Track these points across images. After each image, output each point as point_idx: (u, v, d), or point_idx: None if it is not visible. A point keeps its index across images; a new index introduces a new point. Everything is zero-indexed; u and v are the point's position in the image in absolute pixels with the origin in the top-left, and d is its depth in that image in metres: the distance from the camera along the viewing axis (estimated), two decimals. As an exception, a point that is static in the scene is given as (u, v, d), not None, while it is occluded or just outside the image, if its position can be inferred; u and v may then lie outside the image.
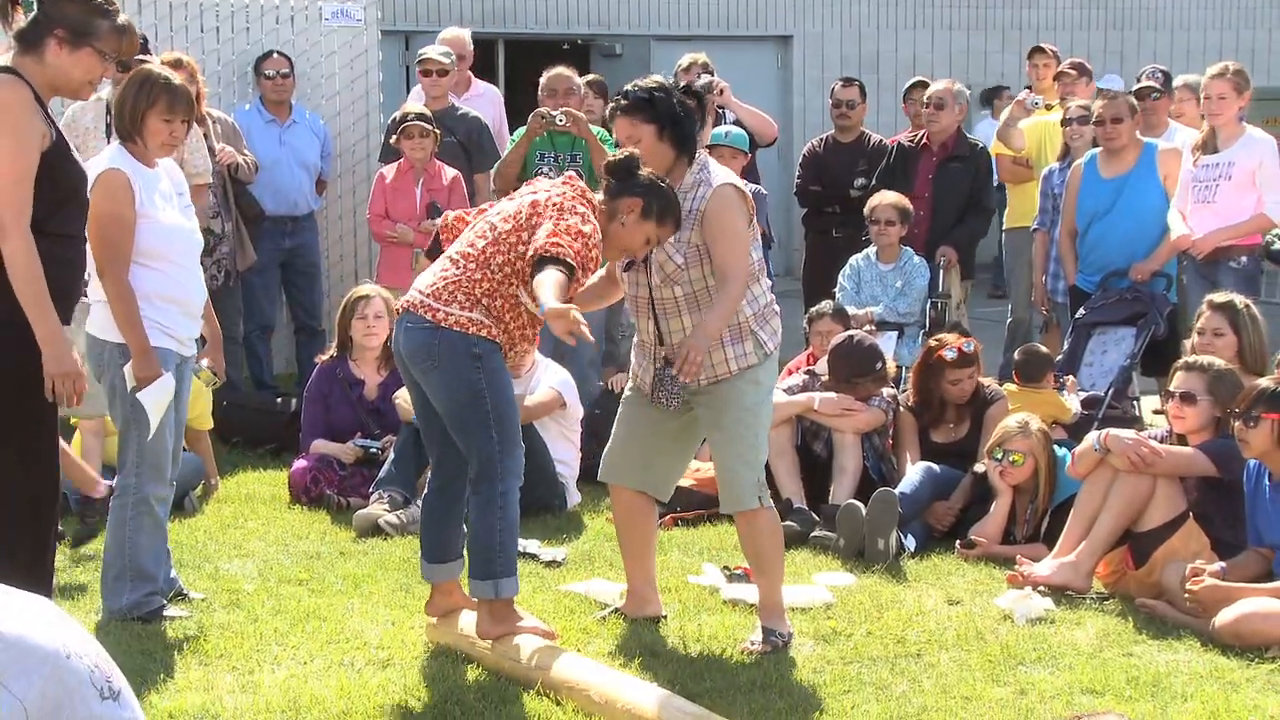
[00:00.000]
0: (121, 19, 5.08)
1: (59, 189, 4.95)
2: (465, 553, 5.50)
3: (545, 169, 9.12)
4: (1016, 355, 8.49)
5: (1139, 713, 4.90)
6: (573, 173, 5.63)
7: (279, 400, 9.22)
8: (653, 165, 5.48)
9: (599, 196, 5.44)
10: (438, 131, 9.21)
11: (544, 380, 7.94)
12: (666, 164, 5.53)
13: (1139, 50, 15.84)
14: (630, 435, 5.89)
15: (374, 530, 7.24)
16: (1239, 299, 7.28)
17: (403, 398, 7.71)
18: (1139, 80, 10.03)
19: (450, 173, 9.26)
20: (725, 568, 6.59)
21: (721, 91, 10.08)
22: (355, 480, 7.87)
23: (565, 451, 7.91)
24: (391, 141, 9.39)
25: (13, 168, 4.79)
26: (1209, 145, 8.73)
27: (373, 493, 7.56)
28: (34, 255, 4.84)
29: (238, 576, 6.49)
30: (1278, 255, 8.81)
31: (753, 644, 5.54)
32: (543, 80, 9.52)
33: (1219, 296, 7.34)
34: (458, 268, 5.30)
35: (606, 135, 9.36)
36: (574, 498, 7.91)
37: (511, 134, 9.61)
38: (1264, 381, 5.96)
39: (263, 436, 9.01)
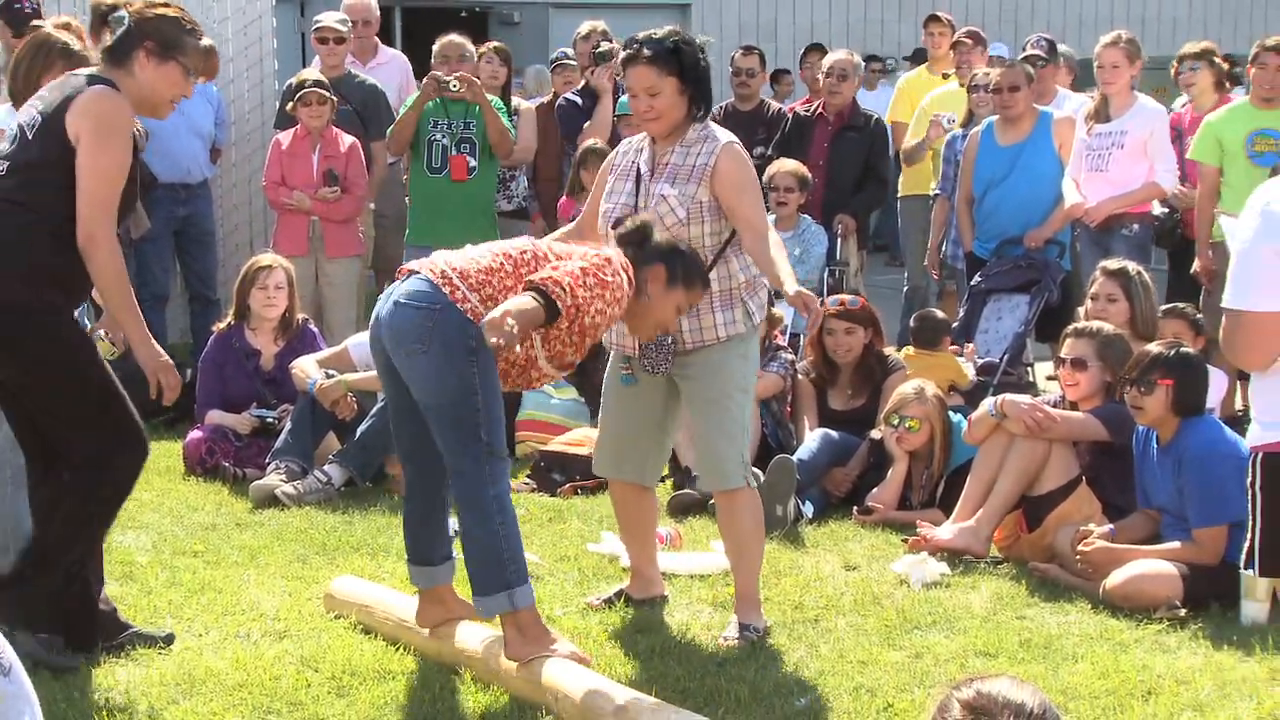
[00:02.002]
0: (206, 41, 5.13)
1: (125, 201, 4.96)
2: (458, 560, 5.14)
3: (438, 135, 9.08)
4: (912, 321, 8.57)
5: (1031, 674, 4.96)
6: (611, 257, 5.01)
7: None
8: (667, 120, 5.29)
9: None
10: (335, 99, 9.12)
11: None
12: (679, 119, 5.33)
13: (1032, 18, 15.99)
14: (618, 428, 5.62)
15: (270, 501, 7.18)
16: (1132, 266, 7.38)
17: (299, 367, 7.65)
18: (1024, 49, 10.11)
19: (348, 140, 9.19)
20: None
21: None
22: (251, 451, 7.80)
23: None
24: (288, 109, 9.29)
25: (116, 179, 4.79)
26: (1101, 114, 8.83)
27: (269, 463, 7.50)
28: (121, 263, 4.88)
29: (131, 549, 6.41)
30: (1158, 232, 8.93)
31: (726, 640, 5.31)
32: (435, 47, 9.47)
33: (1112, 263, 7.44)
34: (498, 263, 4.87)
35: (502, 104, 9.33)
36: (473, 467, 7.88)
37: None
38: (1155, 347, 6.03)
39: (156, 407, 8.86)
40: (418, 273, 4.85)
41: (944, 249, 9.59)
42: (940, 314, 8.60)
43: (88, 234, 4.73)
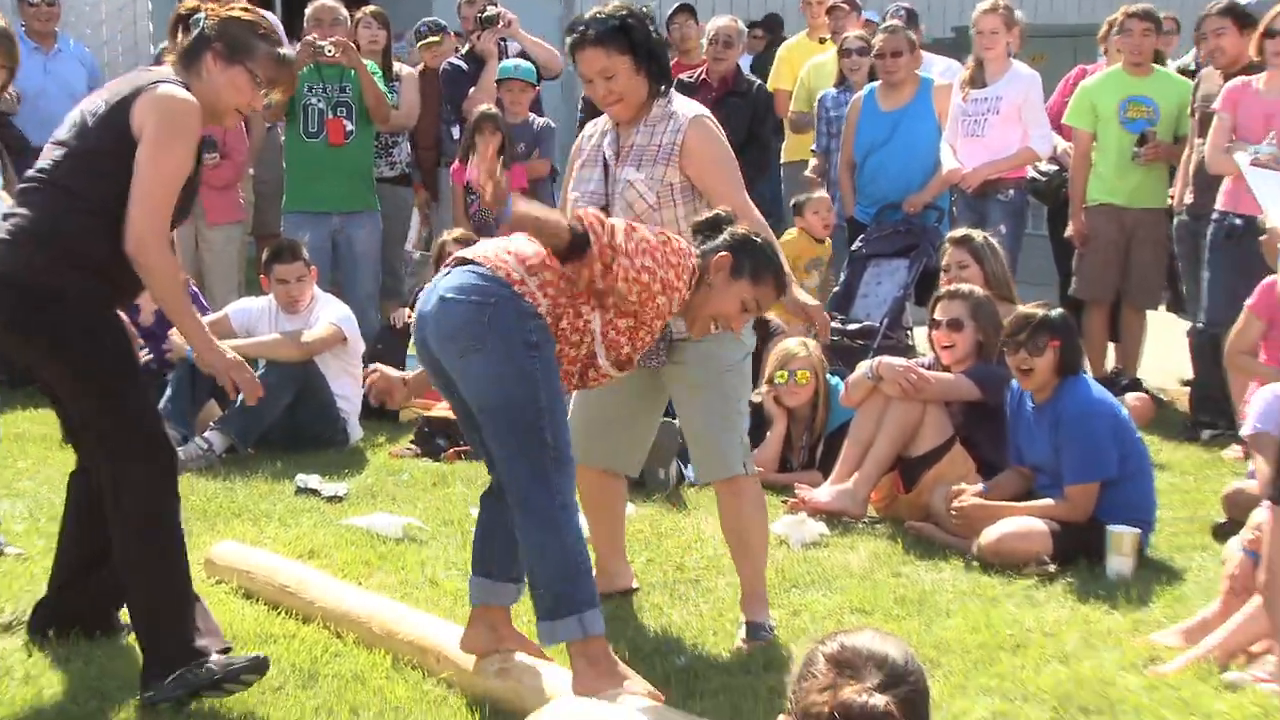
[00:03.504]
0: (283, 50, 4.78)
1: (180, 204, 4.64)
2: (525, 584, 4.50)
3: (314, 99, 9.04)
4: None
5: (906, 629, 5.09)
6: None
7: None
8: (630, 101, 4.96)
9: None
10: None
11: (323, 316, 7.89)
12: (642, 98, 4.98)
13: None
14: (590, 412, 5.22)
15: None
16: (976, 233, 7.50)
17: (177, 335, 7.61)
18: (884, 18, 10.26)
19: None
20: (507, 499, 6.64)
21: (509, 24, 10.09)
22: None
23: (346, 386, 7.88)
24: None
25: (174, 183, 4.45)
26: (977, 80, 8.97)
27: (148, 430, 7.46)
28: (175, 266, 4.58)
29: (7, 516, 6.36)
30: (1040, 189, 9.11)
31: (740, 645, 4.97)
32: (308, 10, 9.42)
33: (957, 232, 7.59)
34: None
35: (378, 68, 9.31)
36: (355, 433, 7.90)
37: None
38: (1035, 310, 6.12)
39: (31, 375, 8.80)
40: (470, 261, 4.39)
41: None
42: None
43: (138, 236, 4.36)
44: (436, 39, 10.26)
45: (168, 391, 7.60)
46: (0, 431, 7.86)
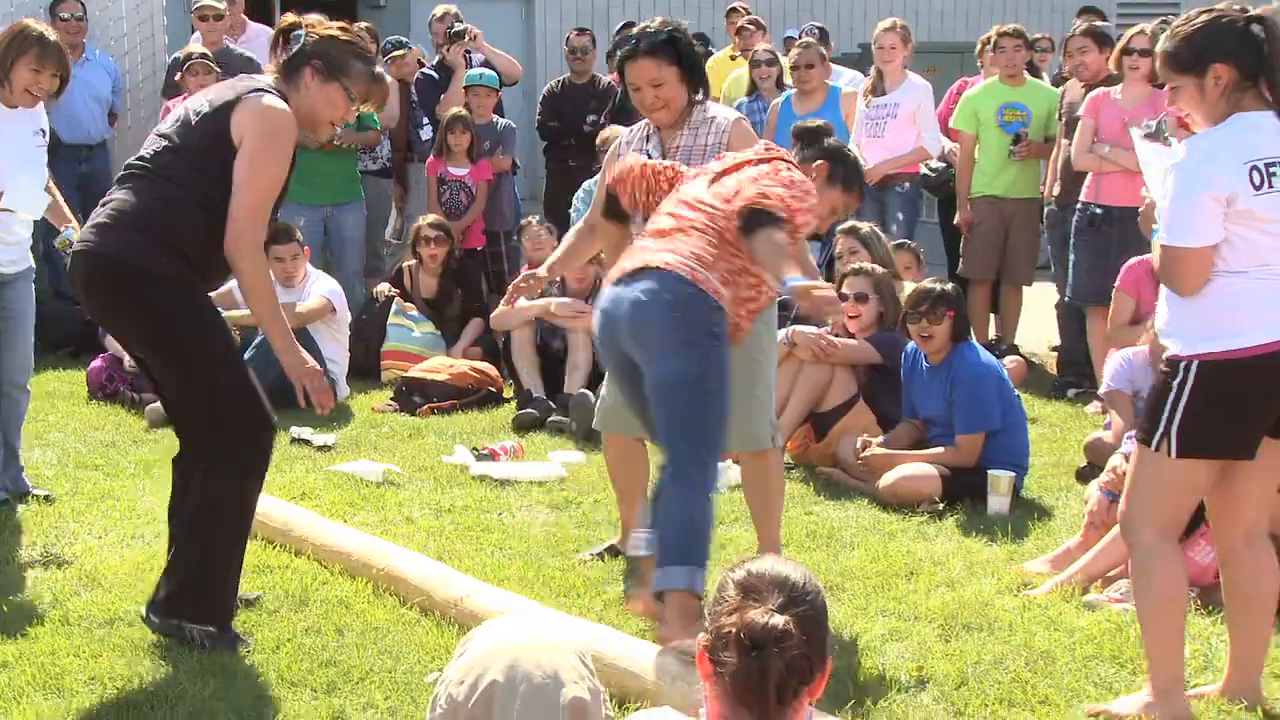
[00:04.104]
0: (379, 69, 4.52)
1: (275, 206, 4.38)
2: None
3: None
4: None
5: (815, 559, 5.07)
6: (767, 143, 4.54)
7: (76, 307, 8.85)
8: (673, 107, 4.72)
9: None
10: (218, 69, 8.90)
11: (315, 289, 7.80)
12: (683, 104, 4.75)
13: (825, 7, 16.03)
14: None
15: (164, 422, 7.01)
16: (862, 225, 7.44)
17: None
18: (800, 34, 10.21)
19: (229, 107, 8.97)
20: (474, 449, 6.59)
21: (474, 37, 9.99)
22: (147, 378, 7.63)
23: (334, 350, 7.78)
24: (176, 79, 9.05)
25: (272, 191, 4.19)
26: (878, 89, 8.93)
27: (163, 389, 7.35)
28: (266, 268, 4.30)
29: (39, 464, 6.26)
30: (932, 182, 9.10)
31: None
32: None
33: (844, 225, 7.52)
34: (704, 240, 4.18)
35: None
36: (343, 390, 7.81)
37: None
38: (933, 285, 6.11)
39: (62, 340, 8.68)
40: (653, 268, 4.12)
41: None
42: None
43: (236, 238, 4.11)
44: (401, 53, 10.13)
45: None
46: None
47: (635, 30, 4.78)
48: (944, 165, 9.09)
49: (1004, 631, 4.38)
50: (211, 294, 4.33)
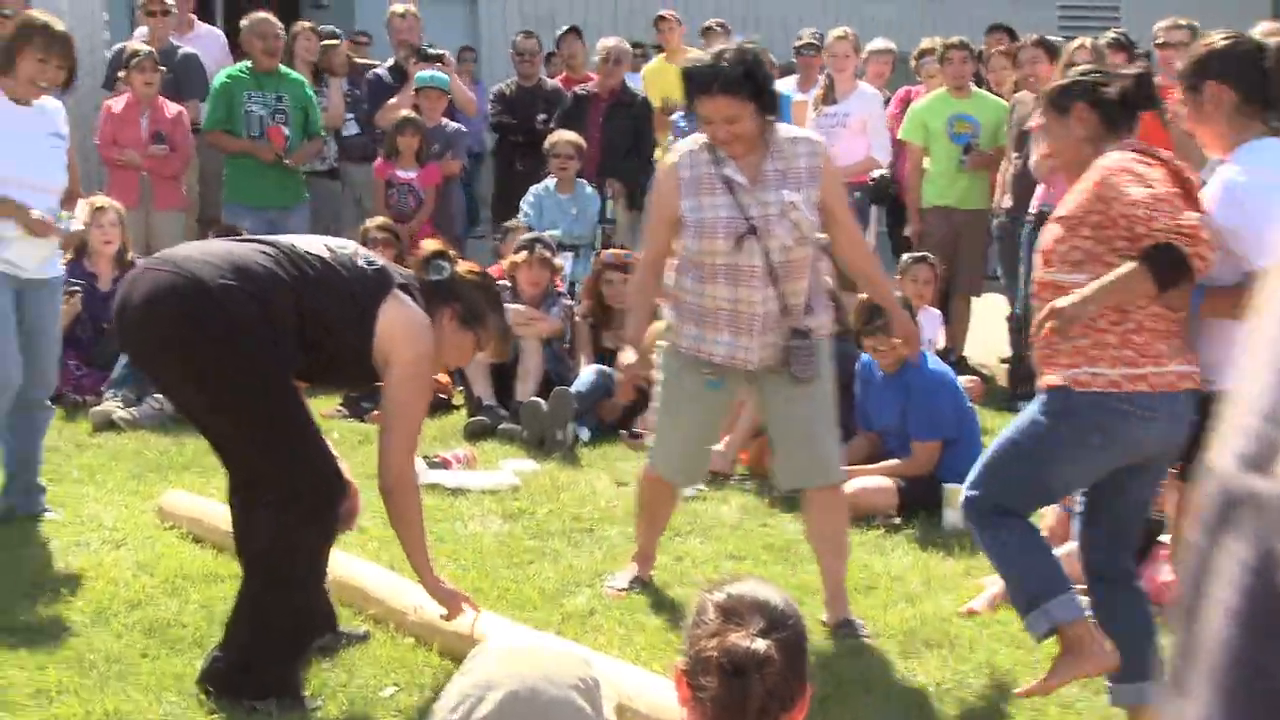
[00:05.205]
0: (509, 321, 4.35)
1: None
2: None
3: (254, 106, 8.77)
4: None
5: (773, 573, 5.04)
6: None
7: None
8: (748, 139, 4.40)
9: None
10: (163, 68, 8.78)
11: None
12: (757, 134, 4.43)
13: (771, 14, 16.06)
14: (689, 432, 4.72)
15: (108, 425, 6.93)
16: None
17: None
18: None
19: (174, 107, 8.83)
20: (425, 456, 6.51)
21: (448, 63, 10.03)
22: (90, 380, 7.51)
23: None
24: (120, 76, 8.90)
25: (421, 419, 4.06)
26: (829, 97, 8.95)
27: (106, 392, 7.23)
28: (420, 503, 4.10)
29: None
30: (869, 190, 9.14)
31: (839, 637, 4.52)
32: (245, 23, 9.05)
33: None
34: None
35: (307, 78, 9.10)
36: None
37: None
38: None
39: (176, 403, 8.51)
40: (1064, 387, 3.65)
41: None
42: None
43: (396, 476, 3.94)
44: (334, 43, 10.04)
45: (122, 360, 7.35)
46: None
47: (708, 60, 4.39)
48: (881, 174, 9.14)
49: (964, 649, 4.37)
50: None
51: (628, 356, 4.83)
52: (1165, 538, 4.78)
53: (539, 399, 7.01)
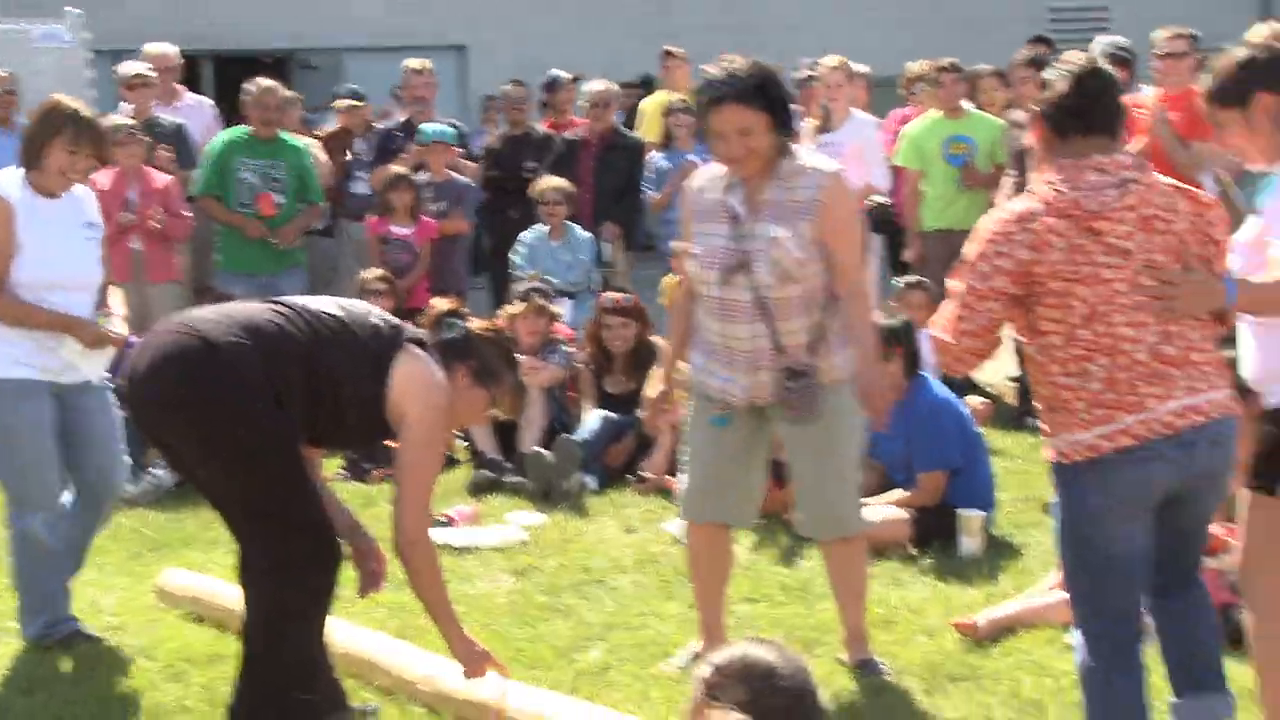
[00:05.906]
0: (523, 379, 4.33)
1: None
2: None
3: (245, 174, 8.70)
4: None
5: (790, 613, 4.95)
6: None
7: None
8: (760, 156, 4.24)
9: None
10: (148, 139, 8.72)
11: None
12: (771, 154, 4.26)
13: (764, 49, 16.04)
14: (707, 470, 4.49)
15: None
16: None
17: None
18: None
19: (163, 177, 8.77)
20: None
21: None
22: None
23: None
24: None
25: (434, 477, 4.02)
26: (825, 126, 8.90)
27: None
28: (439, 564, 4.02)
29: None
30: (878, 220, 9.06)
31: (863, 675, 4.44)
32: (251, 89, 9.02)
33: None
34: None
35: (301, 141, 9.03)
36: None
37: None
38: (884, 321, 6.02)
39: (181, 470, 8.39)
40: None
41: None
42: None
43: (412, 534, 3.88)
44: (360, 104, 10.02)
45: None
46: None
47: (719, 72, 4.26)
48: (879, 201, 9.07)
49: (989, 681, 4.26)
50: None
51: (656, 385, 4.87)
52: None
53: (543, 449, 6.91)
